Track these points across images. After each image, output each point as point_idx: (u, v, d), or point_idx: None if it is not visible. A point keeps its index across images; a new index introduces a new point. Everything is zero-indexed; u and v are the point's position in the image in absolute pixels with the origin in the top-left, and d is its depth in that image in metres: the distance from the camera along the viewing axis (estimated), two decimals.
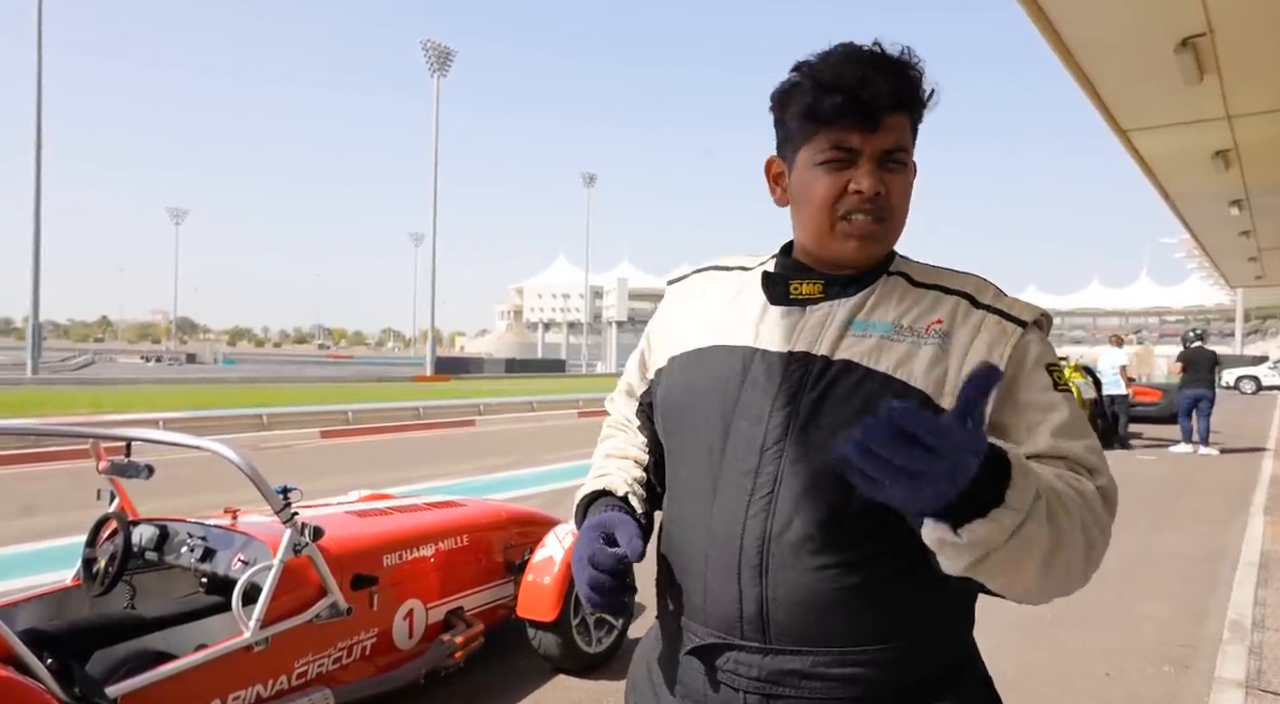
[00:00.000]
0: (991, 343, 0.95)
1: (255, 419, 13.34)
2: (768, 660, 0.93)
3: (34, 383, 24.23)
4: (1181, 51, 4.86)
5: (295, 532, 2.66)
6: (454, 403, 18.16)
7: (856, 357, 0.95)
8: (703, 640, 0.97)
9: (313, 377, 34.13)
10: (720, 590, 0.95)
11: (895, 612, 0.93)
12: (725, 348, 1.02)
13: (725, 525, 0.96)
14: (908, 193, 1.00)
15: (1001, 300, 1.00)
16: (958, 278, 1.03)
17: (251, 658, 2.55)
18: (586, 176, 62.20)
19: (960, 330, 0.96)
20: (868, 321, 0.98)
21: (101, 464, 2.93)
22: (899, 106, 0.96)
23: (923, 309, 0.98)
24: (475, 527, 3.58)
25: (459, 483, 8.59)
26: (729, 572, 0.94)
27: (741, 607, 0.94)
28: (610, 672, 3.55)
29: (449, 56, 39.95)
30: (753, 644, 0.94)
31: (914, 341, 0.95)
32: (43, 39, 26.64)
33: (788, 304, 1.01)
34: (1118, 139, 6.96)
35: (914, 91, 0.97)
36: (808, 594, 0.91)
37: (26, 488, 8.02)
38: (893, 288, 1.01)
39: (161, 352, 68.14)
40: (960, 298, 0.99)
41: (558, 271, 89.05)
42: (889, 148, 0.96)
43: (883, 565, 0.92)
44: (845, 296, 1.00)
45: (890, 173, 0.97)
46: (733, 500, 0.95)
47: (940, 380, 0.93)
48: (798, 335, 0.99)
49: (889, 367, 0.94)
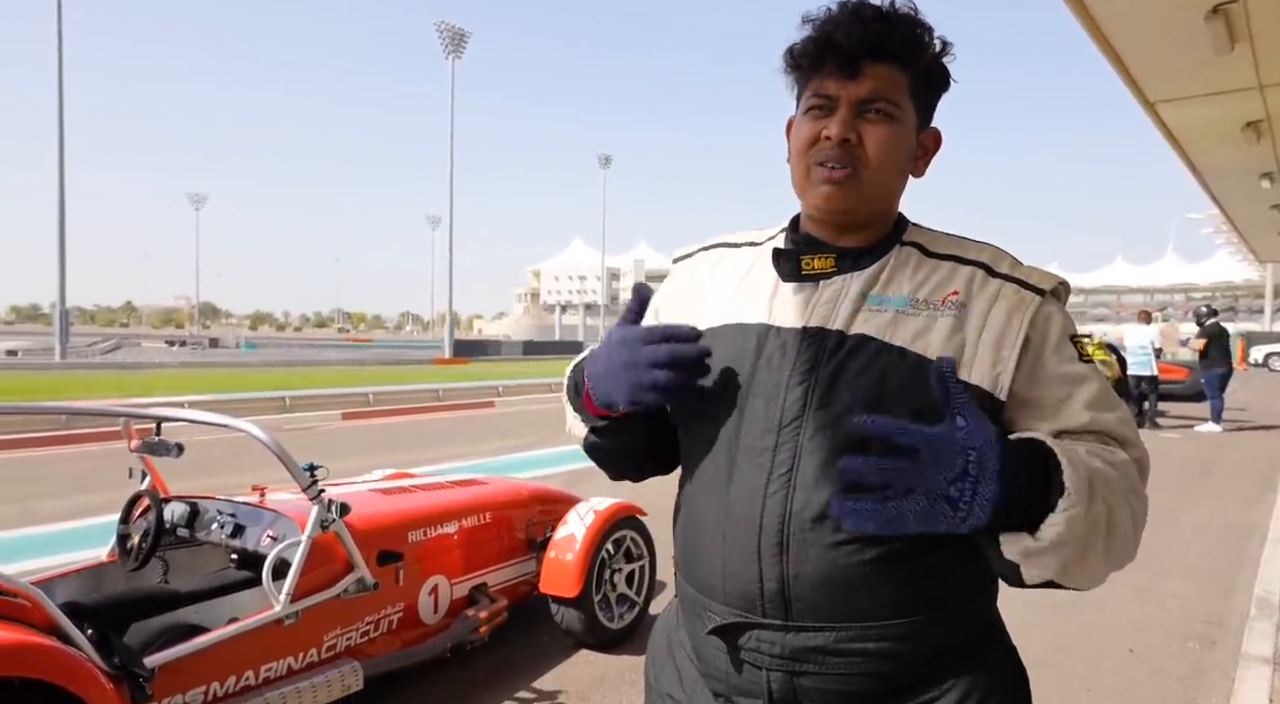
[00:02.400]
0: (1010, 311, 0.94)
1: (278, 401, 13.52)
2: (790, 638, 0.93)
3: (62, 368, 24.66)
4: (1212, 19, 4.74)
5: (322, 508, 2.70)
6: (473, 385, 18.27)
7: (872, 330, 0.94)
8: (723, 620, 0.97)
9: (333, 360, 34.45)
10: (740, 570, 0.95)
11: (917, 584, 0.92)
12: (738, 326, 1.01)
13: (743, 504, 0.95)
14: (891, 146, 0.96)
15: (1018, 269, 0.98)
16: (973, 247, 1.01)
17: (282, 631, 2.60)
18: (602, 158, 61.93)
19: (977, 300, 0.95)
20: (883, 296, 0.96)
21: (133, 443, 2.99)
22: (882, 55, 0.94)
23: (939, 280, 0.97)
24: (498, 504, 3.62)
25: (480, 463, 8.67)
26: (748, 551, 0.94)
27: (762, 585, 0.93)
28: (633, 646, 3.59)
29: (463, 38, 39.74)
30: (774, 622, 0.93)
31: (930, 314, 0.94)
32: (63, 28, 26.83)
33: (800, 280, 1.00)
34: (1144, 112, 6.82)
35: (902, 41, 0.94)
36: (830, 570, 0.91)
37: (61, 469, 8.20)
38: (906, 259, 1.00)
39: (185, 336, 68.98)
40: (976, 268, 0.98)
41: (574, 254, 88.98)
42: (866, 97, 0.95)
43: (904, 539, 0.89)
44: (858, 269, 0.98)
45: (870, 123, 0.95)
46: (751, 479, 0.95)
47: (959, 351, 0.92)
48: (811, 311, 0.97)
49: (905, 340, 0.93)
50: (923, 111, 1.00)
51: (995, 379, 0.91)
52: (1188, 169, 9.03)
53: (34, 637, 1.98)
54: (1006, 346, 0.92)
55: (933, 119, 1.03)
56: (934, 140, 1.04)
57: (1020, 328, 0.92)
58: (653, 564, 3.85)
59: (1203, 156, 8.49)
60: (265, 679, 2.57)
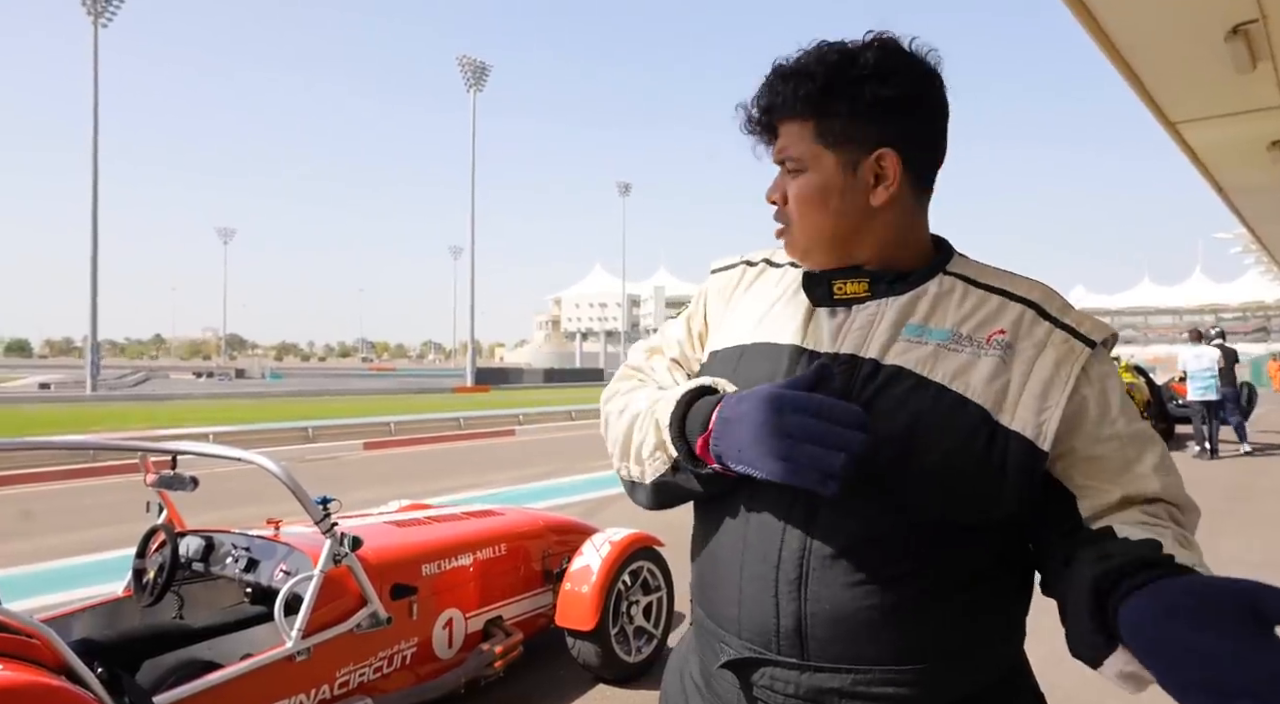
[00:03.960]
0: (1059, 361, 0.89)
1: (301, 432, 13.64)
2: (806, 678, 0.89)
3: (93, 400, 25.11)
4: (1232, 39, 4.69)
5: (335, 542, 2.69)
6: (494, 413, 18.33)
7: (910, 363, 0.89)
8: (738, 654, 0.93)
9: (356, 389, 34.78)
10: (755, 604, 0.91)
11: (941, 629, 0.88)
12: (770, 346, 0.97)
13: (762, 536, 0.91)
14: (803, 197, 0.96)
15: (1070, 314, 0.93)
16: (1023, 283, 0.96)
17: (294, 667, 2.58)
18: (622, 186, 62.51)
19: (1024, 342, 0.90)
20: (924, 326, 0.92)
21: (149, 477, 3.01)
22: (783, 113, 0.95)
23: (984, 316, 0.92)
24: (513, 536, 3.59)
25: (498, 492, 8.65)
26: (765, 585, 0.90)
27: (779, 621, 0.90)
28: (650, 681, 3.52)
29: (485, 71, 40.55)
30: (790, 660, 0.90)
31: (974, 352, 0.89)
32: (99, 70, 27.73)
33: (831, 305, 0.97)
34: (1167, 132, 6.74)
35: (798, 93, 0.93)
36: (848, 610, 0.87)
37: (83, 502, 8.29)
38: (950, 290, 0.95)
39: (212, 367, 70.13)
40: (1026, 307, 0.93)
41: (595, 281, 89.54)
42: (778, 157, 0.98)
43: (928, 581, 0.87)
44: (893, 294, 0.94)
45: (788, 179, 0.97)
46: (771, 510, 0.91)
47: (1000, 394, 0.87)
48: (844, 337, 0.94)
49: (945, 376, 0.88)
50: (852, 145, 0.93)
51: (1039, 428, 0.86)
52: (1213, 188, 8.91)
53: (43, 677, 1.97)
54: (1053, 397, 0.87)
55: (898, 142, 0.93)
56: (887, 163, 0.93)
57: (1068, 380, 0.88)
58: (670, 596, 3.79)
59: (1228, 176, 8.37)
60: None
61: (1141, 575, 0.73)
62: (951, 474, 0.85)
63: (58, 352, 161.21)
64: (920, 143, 0.95)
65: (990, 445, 0.86)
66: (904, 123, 0.93)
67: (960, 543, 0.88)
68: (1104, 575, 0.76)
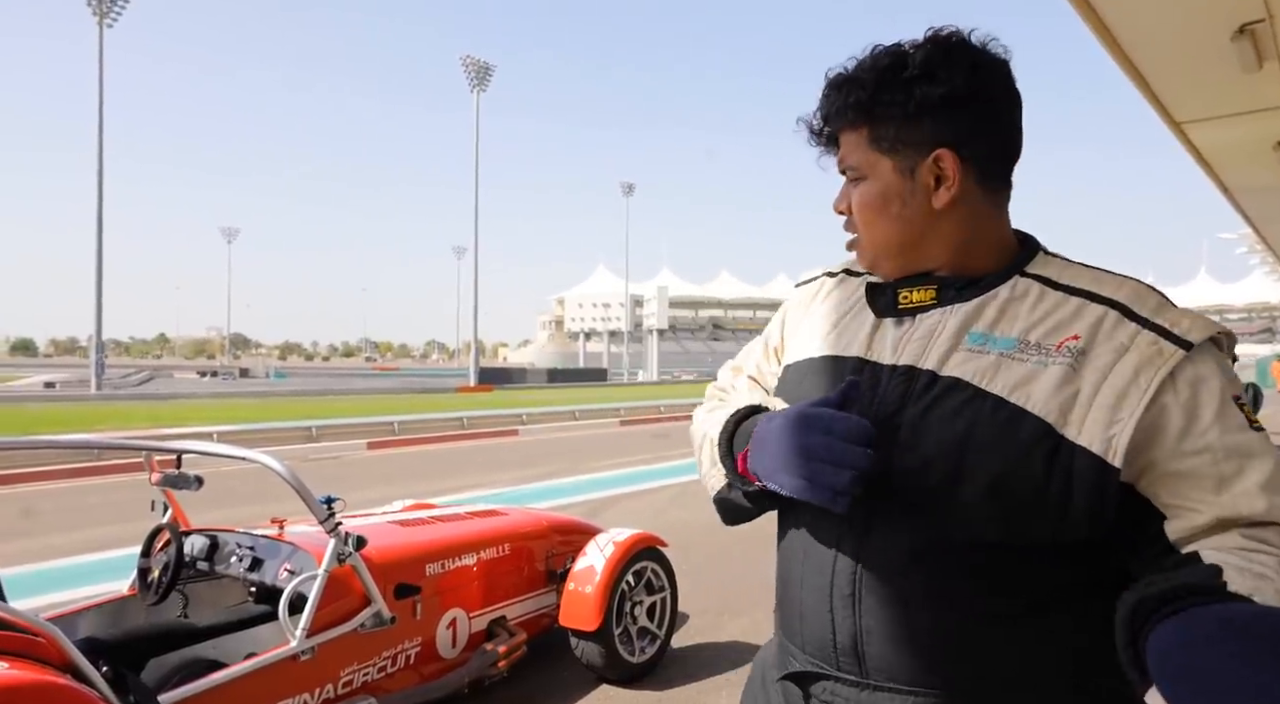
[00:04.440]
0: (1139, 367, 0.80)
1: (305, 431, 13.65)
2: (865, 696, 0.87)
3: (98, 399, 25.17)
4: (1238, 39, 4.67)
5: (339, 541, 2.69)
6: (497, 413, 18.34)
7: (968, 375, 0.85)
8: (801, 667, 0.93)
9: (360, 389, 34.82)
10: (814, 617, 0.90)
11: (1005, 656, 0.82)
12: (834, 359, 0.96)
13: (819, 550, 0.90)
14: (865, 204, 0.94)
15: (1164, 313, 0.83)
16: (1112, 282, 0.87)
17: (298, 666, 2.58)
18: (625, 186, 62.48)
19: (1101, 347, 0.82)
20: (989, 334, 0.87)
21: (154, 476, 3.01)
22: (840, 123, 0.94)
23: (1059, 320, 0.85)
24: (517, 536, 3.59)
25: (502, 492, 8.65)
26: (821, 598, 0.89)
27: (835, 637, 0.88)
28: (654, 682, 3.52)
29: (488, 71, 40.52)
30: (848, 676, 0.88)
31: (1040, 360, 0.83)
32: (104, 72, 27.81)
33: (896, 314, 0.94)
34: (1172, 132, 6.72)
35: (849, 102, 0.92)
36: (905, 630, 0.84)
37: (88, 501, 8.31)
38: (1024, 293, 0.89)
39: (216, 367, 70.27)
40: (1110, 308, 0.84)
41: (598, 281, 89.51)
42: (841, 167, 0.96)
43: (989, 605, 0.82)
44: (961, 301, 0.90)
45: (852, 187, 0.96)
46: (827, 524, 0.90)
47: (1067, 406, 0.80)
48: (903, 347, 0.91)
49: (1004, 388, 0.82)
50: (908, 148, 0.91)
51: (1108, 443, 0.78)
52: (1218, 189, 8.87)
53: (49, 676, 1.98)
54: (1127, 408, 0.78)
55: (955, 141, 0.90)
56: (946, 163, 0.90)
57: (1148, 388, 0.78)
58: (674, 596, 3.78)
59: (1233, 176, 8.34)
60: None
61: (1179, 603, 0.68)
62: (1007, 492, 0.80)
63: (63, 351, 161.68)
64: (981, 139, 0.90)
65: (1052, 462, 0.79)
66: (959, 120, 0.89)
67: (1026, 565, 0.82)
68: (1141, 602, 0.72)
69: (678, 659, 3.78)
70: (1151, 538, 0.80)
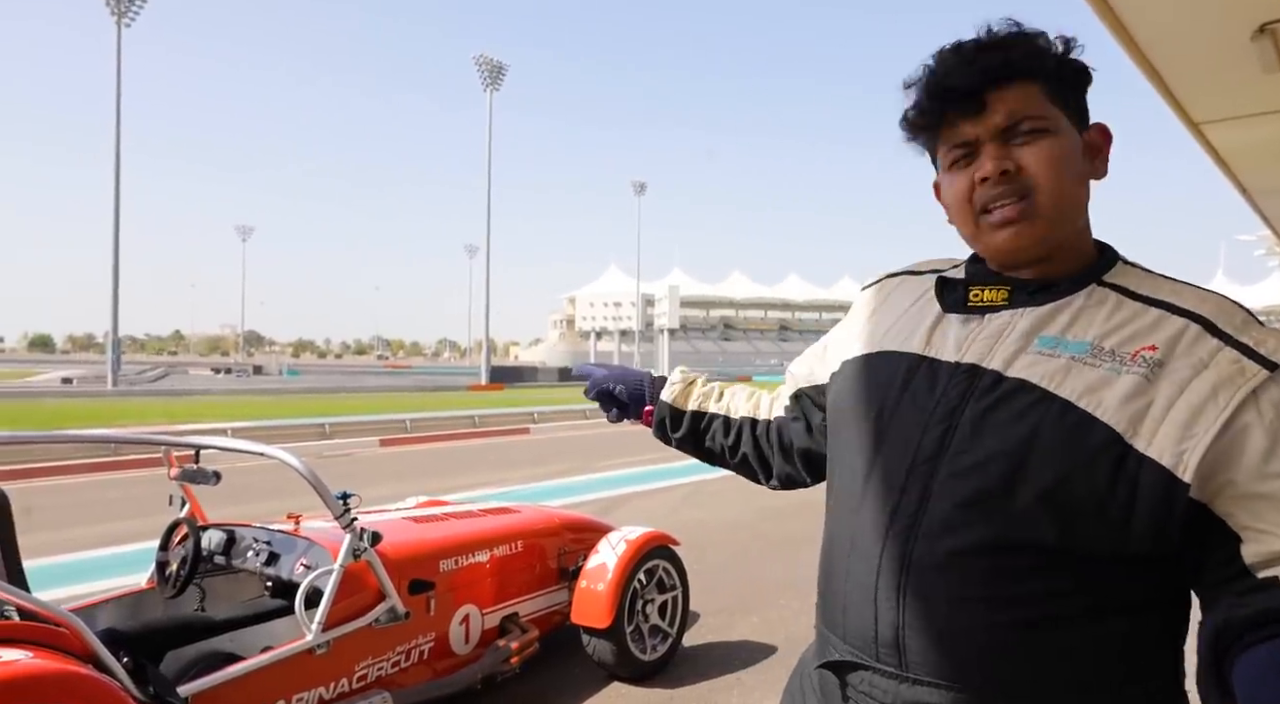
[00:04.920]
0: (1218, 384, 0.77)
1: (318, 428, 13.75)
2: (903, 689, 0.86)
3: (114, 395, 25.44)
4: (1259, 38, 4.62)
5: (354, 537, 2.72)
6: (508, 411, 18.39)
7: (1035, 377, 0.82)
8: (840, 656, 0.92)
9: (372, 386, 35.01)
10: (857, 608, 0.90)
11: (1053, 662, 0.81)
12: (893, 354, 0.95)
13: (867, 541, 0.90)
14: (1055, 157, 0.86)
15: (1248, 331, 0.80)
16: (1194, 295, 0.84)
17: (314, 660, 2.61)
18: (637, 185, 62.49)
19: (1179, 361, 0.79)
20: (1060, 338, 0.84)
21: (173, 471, 3.05)
22: (1005, 78, 0.86)
23: (1135, 330, 0.82)
24: (529, 533, 3.61)
25: (513, 490, 8.69)
26: (866, 590, 0.89)
27: (877, 629, 0.88)
28: (666, 680, 3.53)
29: (501, 71, 40.61)
30: (887, 668, 0.87)
31: (1113, 367, 0.80)
32: (121, 72, 28.08)
33: (965, 312, 0.92)
34: (1190, 133, 6.66)
35: (1019, 56, 0.87)
36: (949, 626, 0.83)
37: (107, 495, 8.41)
38: (1100, 302, 0.86)
39: (230, 364, 70.75)
40: (1192, 321, 0.81)
41: (609, 280, 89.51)
42: (1006, 123, 0.87)
43: (1039, 609, 0.81)
44: (1033, 304, 0.88)
45: (1023, 145, 0.86)
46: (876, 516, 0.89)
47: (1138, 416, 0.77)
48: (969, 345, 0.89)
49: (1073, 393, 0.80)
50: (1075, 113, 0.90)
51: (1179, 457, 0.75)
52: (1237, 190, 8.78)
53: (72, 666, 2.01)
54: (1202, 424, 0.76)
55: (1089, 116, 0.93)
56: (1102, 134, 0.93)
57: (1227, 406, 0.75)
58: (686, 595, 3.79)
59: (1252, 177, 8.25)
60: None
61: (1271, 628, 0.66)
62: (1066, 497, 0.78)
63: (80, 347, 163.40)
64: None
65: (1118, 472, 0.77)
66: (1084, 103, 0.91)
67: (1082, 573, 0.80)
68: (1227, 624, 0.70)
69: (689, 658, 3.79)
70: (1221, 561, 0.77)
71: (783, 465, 1.21)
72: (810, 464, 1.18)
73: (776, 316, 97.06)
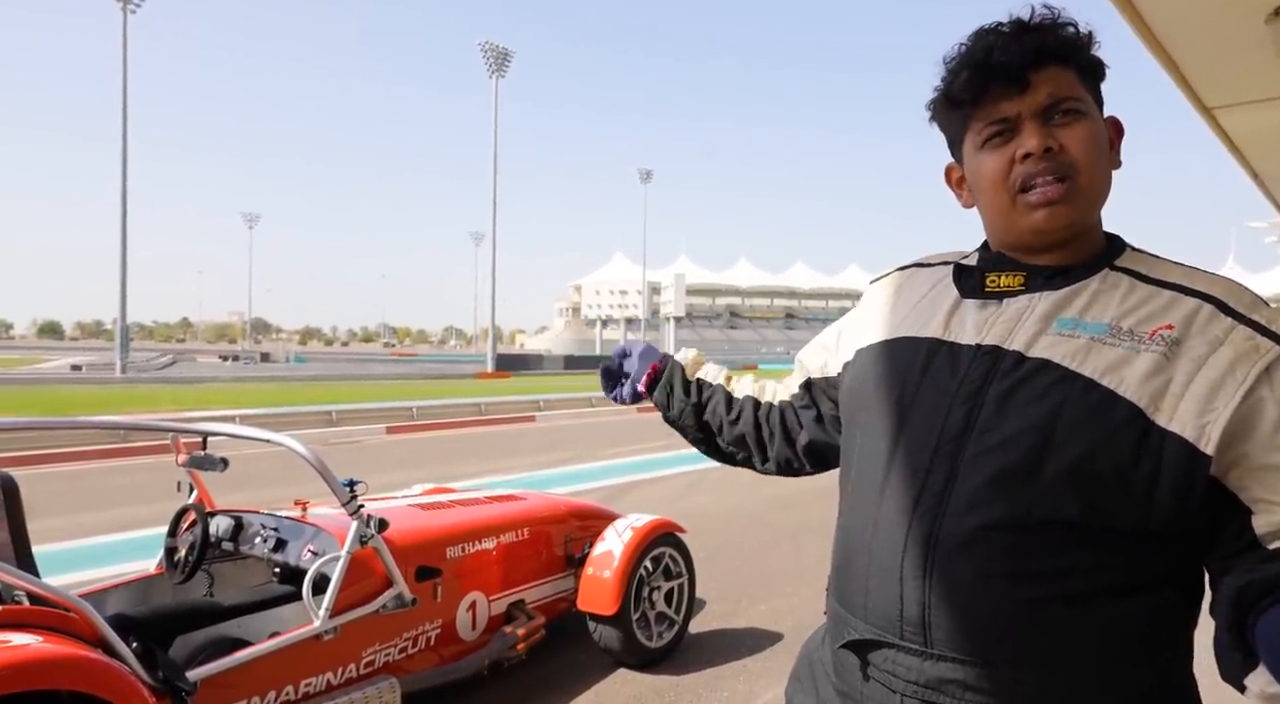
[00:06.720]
0: (1235, 360, 0.79)
1: (325, 416, 13.80)
2: (928, 665, 0.87)
3: (122, 382, 25.57)
4: (1273, 22, 4.56)
5: (361, 524, 2.72)
6: (514, 399, 18.43)
7: (1057, 357, 0.84)
8: (860, 635, 0.93)
9: (379, 374, 35.10)
10: (881, 588, 0.91)
11: (1075, 636, 0.83)
12: (911, 339, 0.97)
13: (891, 523, 0.90)
14: (1093, 144, 0.88)
15: (1260, 310, 0.83)
16: (1204, 278, 0.88)
17: (321, 646, 2.62)
18: (643, 173, 62.26)
19: (1196, 339, 0.82)
20: (1079, 320, 0.86)
21: (180, 457, 3.06)
22: (1047, 59, 0.88)
23: (1151, 311, 0.85)
24: (536, 520, 3.62)
25: (519, 477, 8.71)
26: (891, 570, 0.90)
27: (902, 608, 0.88)
28: (672, 666, 3.54)
29: (507, 57, 40.41)
30: (912, 646, 0.88)
31: (1132, 346, 0.83)
32: (127, 59, 28.03)
33: (983, 298, 0.93)
34: (1202, 118, 6.57)
35: (1060, 40, 0.88)
36: (974, 603, 0.84)
37: (115, 481, 8.46)
38: (1115, 284, 0.89)
39: (238, 351, 70.94)
40: (1204, 301, 0.84)
41: (615, 268, 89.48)
42: (1048, 103, 0.88)
43: (1063, 585, 0.82)
44: (1050, 289, 0.90)
45: (1064, 126, 0.88)
46: (901, 498, 0.90)
47: (1159, 393, 0.80)
48: (989, 328, 0.90)
49: (1095, 371, 0.82)
50: (1098, 101, 0.93)
51: (1201, 430, 0.78)
52: (1249, 176, 8.69)
53: (81, 650, 2.02)
54: (1222, 398, 0.78)
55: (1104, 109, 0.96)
56: (1115, 127, 0.95)
57: (1244, 380, 0.78)
58: (692, 582, 3.80)
59: (1265, 163, 8.15)
60: (305, 694, 2.58)
61: None
62: (1091, 473, 0.80)
63: (88, 334, 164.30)
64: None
65: (1141, 446, 0.79)
66: (1102, 96, 0.94)
67: (1105, 549, 0.82)
68: (1248, 586, 0.72)
69: (695, 644, 3.80)
70: (1231, 535, 0.80)
71: (781, 449, 1.22)
72: (813, 453, 1.19)
73: (783, 304, 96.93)
